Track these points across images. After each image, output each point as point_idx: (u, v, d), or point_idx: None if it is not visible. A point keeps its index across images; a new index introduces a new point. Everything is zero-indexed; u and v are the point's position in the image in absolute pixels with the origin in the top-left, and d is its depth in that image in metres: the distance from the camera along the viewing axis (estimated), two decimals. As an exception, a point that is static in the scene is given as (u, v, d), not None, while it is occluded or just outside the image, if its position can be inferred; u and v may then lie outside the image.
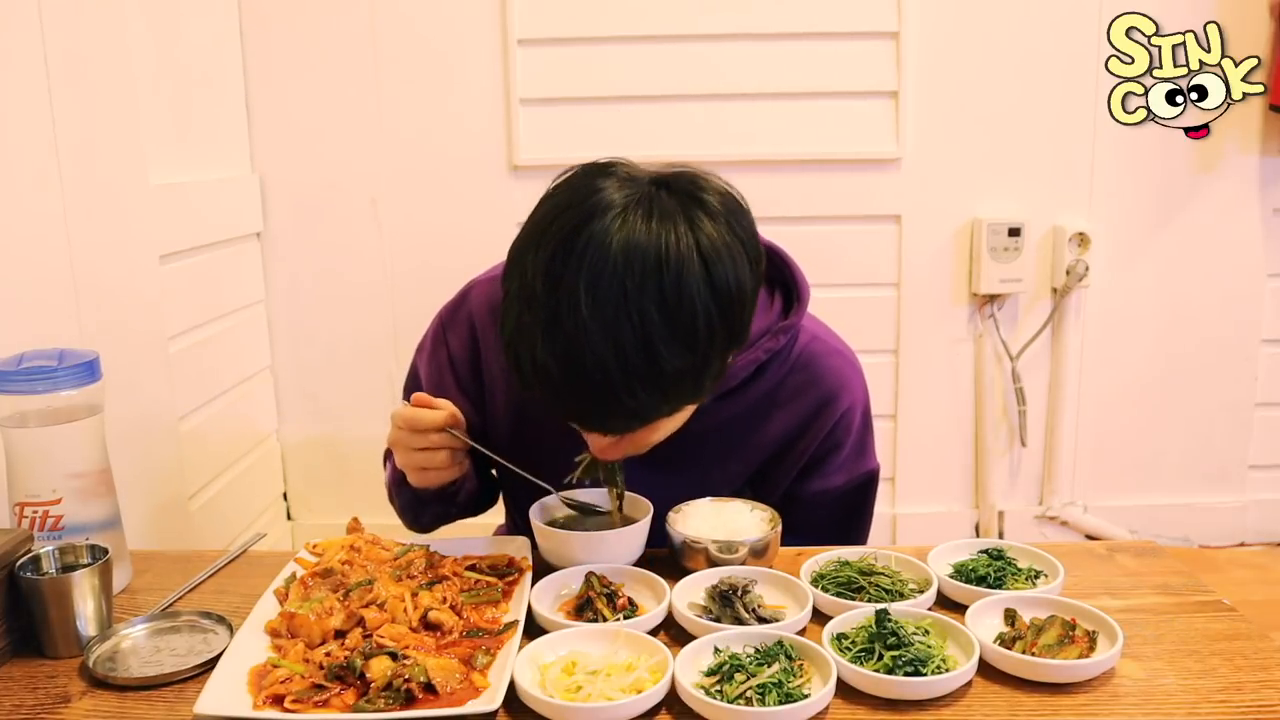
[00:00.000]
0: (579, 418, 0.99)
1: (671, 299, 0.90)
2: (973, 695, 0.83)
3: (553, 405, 0.96)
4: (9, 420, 1.01)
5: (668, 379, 0.92)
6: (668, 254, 0.90)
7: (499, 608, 0.96)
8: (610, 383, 0.90)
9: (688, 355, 0.92)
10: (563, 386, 0.92)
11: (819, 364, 1.18)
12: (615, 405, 0.93)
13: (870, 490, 1.25)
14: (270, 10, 2.18)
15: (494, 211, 2.25)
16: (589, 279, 0.89)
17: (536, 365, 0.92)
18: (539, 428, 1.19)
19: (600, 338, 0.89)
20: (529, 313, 0.92)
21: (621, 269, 0.89)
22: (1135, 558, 1.10)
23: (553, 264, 0.91)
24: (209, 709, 0.79)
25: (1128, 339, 2.39)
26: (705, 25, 2.19)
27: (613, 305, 0.89)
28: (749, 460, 1.20)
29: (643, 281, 0.89)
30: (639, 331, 0.89)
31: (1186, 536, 2.51)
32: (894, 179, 2.28)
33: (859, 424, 1.22)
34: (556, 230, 0.92)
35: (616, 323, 0.89)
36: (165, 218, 1.78)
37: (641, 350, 0.89)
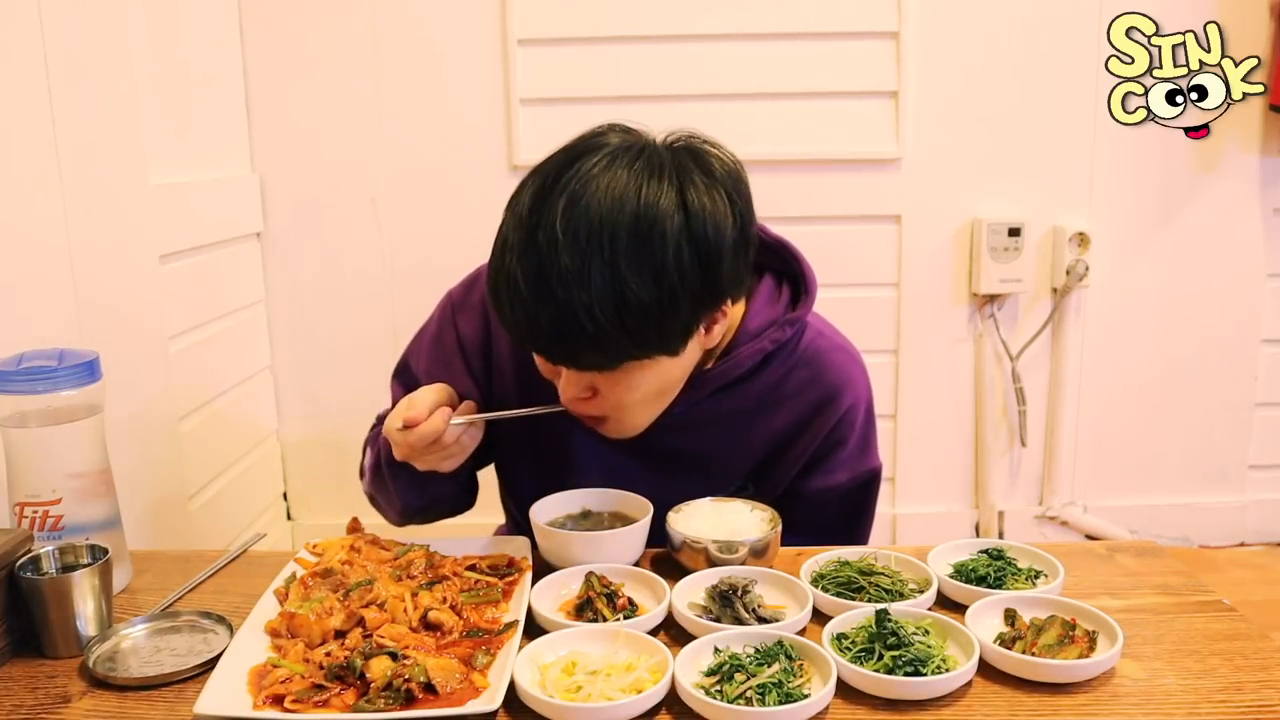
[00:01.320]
0: (545, 345, 0.99)
1: (644, 230, 0.92)
2: (973, 695, 0.83)
3: (525, 332, 0.97)
4: (9, 420, 1.01)
5: (630, 309, 0.92)
6: (648, 194, 0.94)
7: (499, 608, 0.96)
8: (572, 301, 0.91)
9: (653, 289, 0.93)
10: (531, 304, 0.93)
11: (824, 360, 1.18)
12: (577, 329, 0.92)
13: (873, 489, 1.25)
14: (270, 10, 2.18)
15: (494, 211, 2.21)
16: (568, 202, 0.93)
17: (511, 283, 0.94)
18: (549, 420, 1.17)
19: (570, 254, 0.91)
20: (512, 233, 0.96)
21: (603, 199, 0.93)
22: (1135, 558, 1.10)
23: (540, 189, 0.96)
24: (209, 709, 0.79)
25: (1128, 339, 2.39)
26: (705, 25, 2.19)
27: (586, 227, 0.92)
28: (751, 455, 1.20)
29: (618, 211, 0.92)
30: (607, 254, 0.91)
31: (1186, 536, 2.51)
32: (894, 179, 2.28)
33: (862, 421, 1.22)
34: (552, 164, 0.98)
35: (587, 244, 0.91)
36: (165, 218, 1.78)
37: (607, 270, 0.91)
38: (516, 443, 1.24)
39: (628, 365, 0.99)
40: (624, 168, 0.95)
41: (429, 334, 1.25)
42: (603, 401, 1.03)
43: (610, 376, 1.00)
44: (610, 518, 1.12)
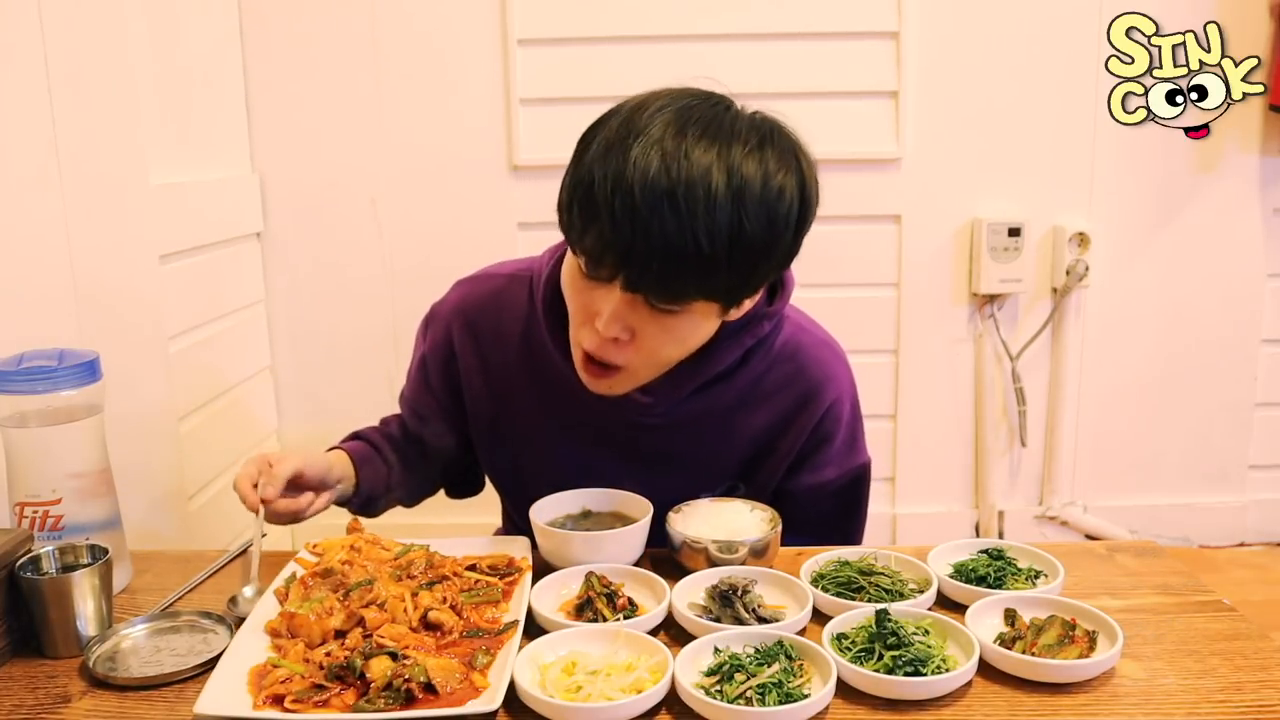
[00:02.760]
0: (639, 262, 0.93)
1: (770, 177, 0.95)
2: (973, 695, 0.83)
3: (626, 244, 0.92)
4: (9, 420, 1.01)
5: (741, 245, 0.93)
6: (772, 148, 0.97)
7: (499, 608, 0.96)
8: (696, 220, 0.90)
9: (765, 234, 0.95)
10: (645, 214, 0.90)
11: (805, 355, 1.17)
12: (689, 249, 0.91)
13: (864, 484, 1.25)
14: (270, 10, 2.17)
15: (494, 211, 2.25)
16: (695, 119, 0.95)
17: (623, 189, 0.91)
18: (525, 431, 1.21)
19: (702, 177, 0.91)
20: (627, 137, 0.94)
21: (728, 130, 0.95)
22: (1135, 558, 1.10)
23: (662, 107, 0.96)
24: (209, 709, 0.79)
25: (1128, 339, 2.39)
26: (705, 25, 2.19)
27: (719, 156, 0.93)
28: (736, 454, 1.19)
29: (750, 154, 0.94)
30: (736, 186, 0.92)
31: (1186, 536, 2.51)
32: (894, 179, 2.28)
33: (848, 416, 1.21)
34: (663, 95, 1.00)
35: (719, 173, 0.92)
36: (165, 218, 1.78)
37: (733, 201, 0.92)
38: (499, 455, 1.25)
39: (688, 308, 0.98)
40: (743, 116, 0.99)
41: (414, 360, 1.29)
42: (634, 349, 1.01)
43: (661, 320, 0.99)
44: (610, 518, 1.12)
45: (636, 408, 1.13)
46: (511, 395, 1.20)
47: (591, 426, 1.18)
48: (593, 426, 1.18)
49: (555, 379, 1.15)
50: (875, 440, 2.38)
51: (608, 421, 1.16)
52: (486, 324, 1.21)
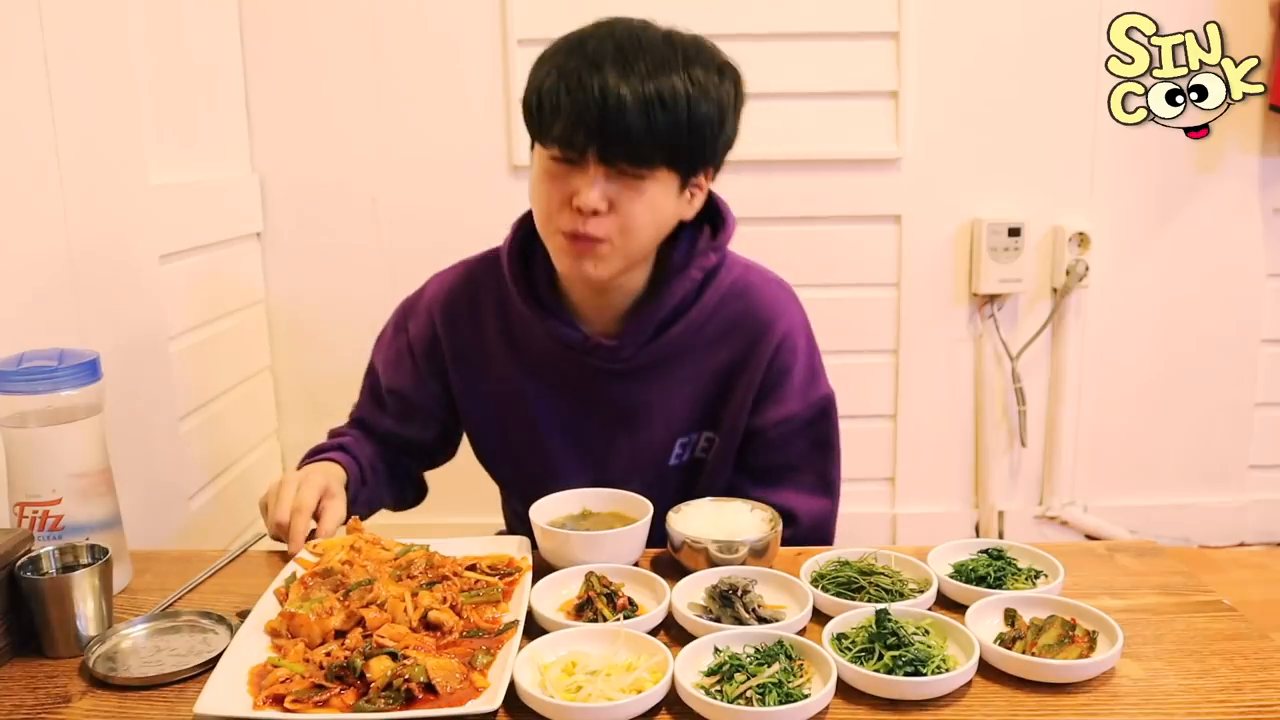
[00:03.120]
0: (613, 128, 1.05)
1: (711, 56, 1.12)
2: (973, 695, 0.83)
3: (598, 110, 1.04)
4: (9, 420, 1.01)
5: (701, 105, 1.07)
6: (703, 41, 1.14)
7: (499, 608, 0.96)
8: (659, 82, 1.05)
9: (715, 103, 1.09)
10: (613, 82, 1.04)
11: (755, 292, 1.25)
12: (657, 108, 1.04)
13: (831, 417, 1.29)
14: (270, 10, 2.18)
15: (494, 211, 2.22)
16: (642, 23, 1.12)
17: (591, 62, 1.05)
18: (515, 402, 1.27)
19: (656, 48, 1.08)
20: (586, 32, 1.11)
21: (667, 31, 1.13)
22: (1135, 558, 1.10)
23: (598, 24, 1.12)
24: (209, 709, 0.79)
25: (1128, 339, 2.39)
26: (705, 25, 2.15)
27: (668, 36, 1.11)
28: (703, 396, 1.24)
29: (691, 39, 1.13)
30: (687, 57, 1.09)
31: (1186, 536, 2.51)
32: (894, 179, 2.28)
33: (805, 349, 1.27)
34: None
35: (668, 47, 1.09)
36: (165, 218, 1.78)
37: (687, 71, 1.07)
38: (485, 422, 1.31)
39: (654, 175, 1.09)
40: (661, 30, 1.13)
41: (385, 340, 1.35)
42: (612, 219, 1.10)
43: (634, 187, 1.09)
44: (610, 518, 1.12)
45: (605, 353, 1.20)
46: (493, 366, 1.27)
47: (566, 380, 1.25)
48: (567, 380, 1.25)
49: (534, 345, 1.24)
50: (875, 440, 2.41)
51: (580, 373, 1.23)
52: (462, 308, 1.28)
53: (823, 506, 1.27)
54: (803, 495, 1.26)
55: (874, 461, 2.43)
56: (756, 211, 2.23)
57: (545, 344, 1.22)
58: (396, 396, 1.31)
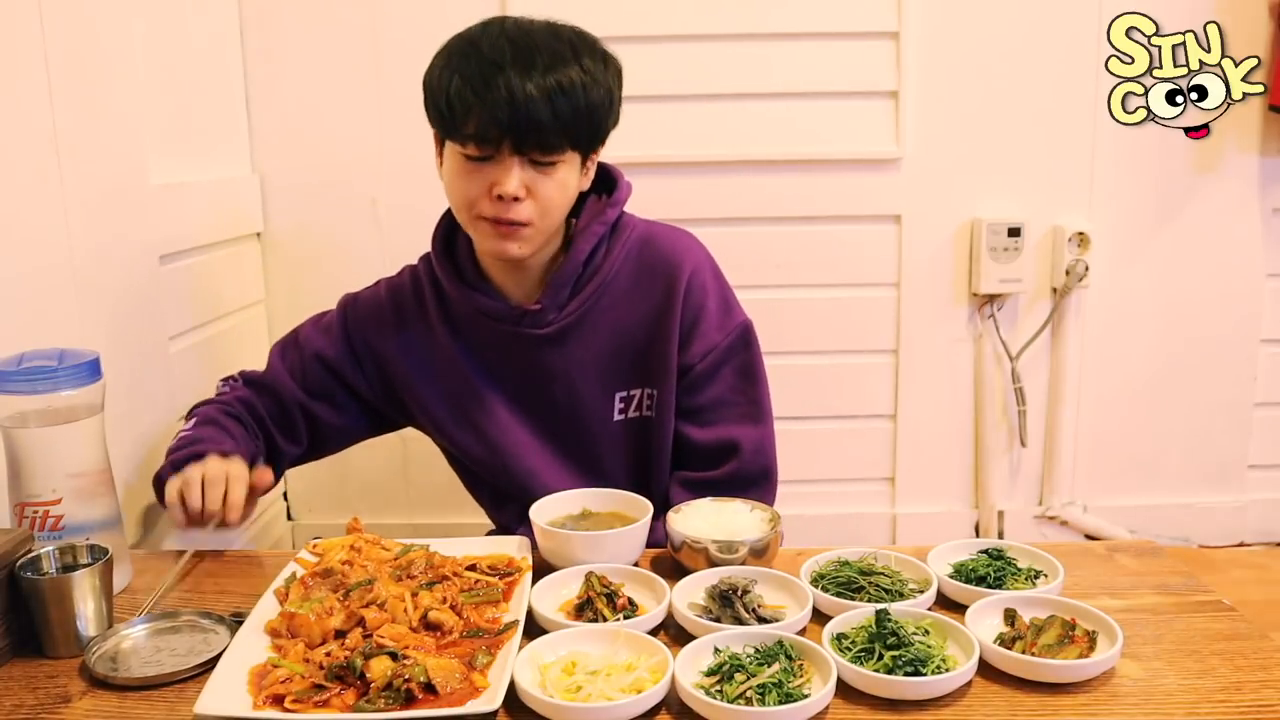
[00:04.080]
0: (524, 121, 1.14)
1: (593, 47, 1.21)
2: (973, 695, 0.83)
3: (505, 105, 1.13)
4: (9, 420, 1.01)
5: (594, 92, 1.17)
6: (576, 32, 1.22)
7: (499, 608, 0.96)
8: (559, 75, 1.14)
9: (605, 90, 1.19)
10: (516, 78, 1.13)
11: (657, 241, 1.34)
12: (562, 100, 1.14)
13: (753, 345, 1.36)
14: (270, 10, 2.17)
15: (494, 211, 2.24)
16: (528, 20, 1.22)
17: (493, 61, 1.15)
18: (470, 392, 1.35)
19: (548, 44, 1.17)
20: (478, 32, 1.21)
21: (544, 22, 1.22)
22: (1135, 558, 1.10)
23: (484, 25, 1.23)
24: (209, 709, 0.79)
25: (1128, 339, 2.39)
26: (705, 25, 2.18)
27: (556, 31, 1.20)
28: (629, 346, 1.31)
29: (574, 32, 1.22)
30: (577, 51, 1.18)
31: (1186, 536, 2.51)
32: (894, 179, 2.28)
33: (713, 284, 1.34)
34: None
35: (558, 41, 1.18)
36: (165, 218, 1.78)
37: (578, 65, 1.16)
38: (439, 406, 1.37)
39: (562, 159, 1.19)
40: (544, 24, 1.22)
41: (324, 320, 1.46)
42: (532, 203, 1.20)
43: (546, 173, 1.19)
44: (610, 518, 1.12)
45: (531, 318, 1.29)
46: (435, 350, 1.36)
47: (507, 357, 1.33)
48: (508, 357, 1.33)
49: (471, 330, 1.34)
50: (875, 440, 2.41)
51: (513, 344, 1.32)
52: (405, 299, 1.41)
53: (760, 433, 1.33)
54: (739, 425, 1.32)
55: (874, 461, 2.43)
56: (756, 211, 2.23)
57: (480, 321, 1.32)
58: (323, 366, 1.40)
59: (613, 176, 1.35)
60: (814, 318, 2.26)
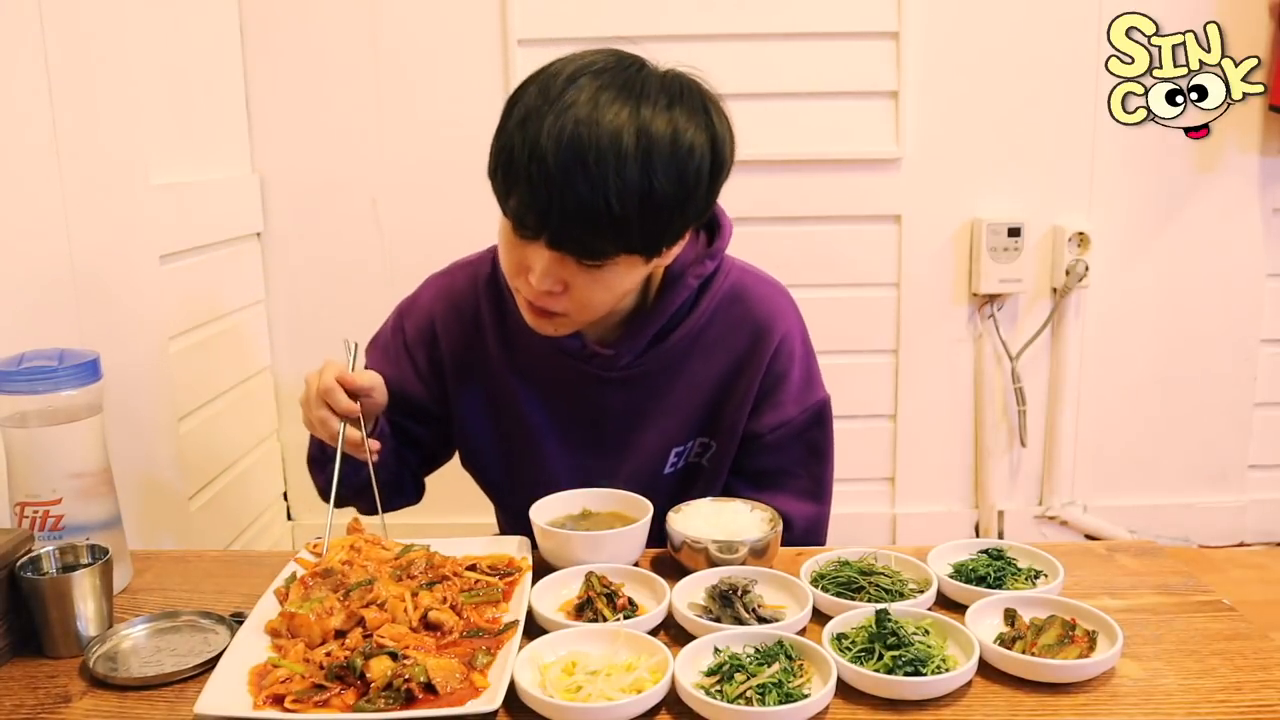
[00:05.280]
0: (558, 223, 0.99)
1: (679, 135, 0.99)
2: (973, 695, 0.83)
3: (543, 207, 0.98)
4: (9, 420, 1.01)
5: (652, 201, 0.98)
6: (682, 107, 1.00)
7: (499, 608, 0.96)
8: (606, 182, 0.96)
9: (676, 188, 0.99)
10: (559, 180, 0.96)
11: (751, 295, 1.23)
12: (602, 210, 0.96)
13: (826, 423, 1.28)
14: (270, 10, 2.18)
15: (494, 211, 2.23)
16: (607, 84, 0.99)
17: (537, 157, 0.97)
18: (510, 405, 1.25)
19: (610, 140, 0.96)
20: (540, 108, 0.98)
21: (638, 92, 0.99)
22: (1135, 558, 1.10)
23: (575, 74, 1.00)
24: (209, 709, 0.79)
25: (1128, 339, 2.39)
26: (705, 25, 2.19)
27: (626, 118, 0.97)
28: (701, 401, 1.23)
29: (654, 114, 0.98)
30: (644, 146, 0.97)
31: (1186, 536, 2.51)
32: (894, 179, 2.28)
33: (801, 353, 1.26)
34: (574, 60, 1.02)
35: (626, 134, 0.96)
36: (165, 218, 1.78)
37: (641, 161, 0.97)
38: (478, 425, 1.29)
39: (611, 261, 1.03)
40: (654, 76, 1.02)
41: (381, 341, 1.34)
42: (569, 299, 1.06)
43: (588, 273, 1.04)
44: (610, 518, 1.12)
45: (601, 361, 1.18)
46: (493, 372, 1.25)
47: (563, 387, 1.23)
48: (564, 387, 1.23)
49: (527, 345, 1.21)
50: (875, 440, 2.41)
51: (577, 380, 1.21)
52: (465, 306, 1.27)
53: (816, 511, 1.27)
54: (796, 500, 1.25)
55: (874, 461, 2.43)
56: (756, 211, 2.23)
57: (542, 349, 1.19)
58: (395, 393, 1.28)
59: (717, 219, 1.20)
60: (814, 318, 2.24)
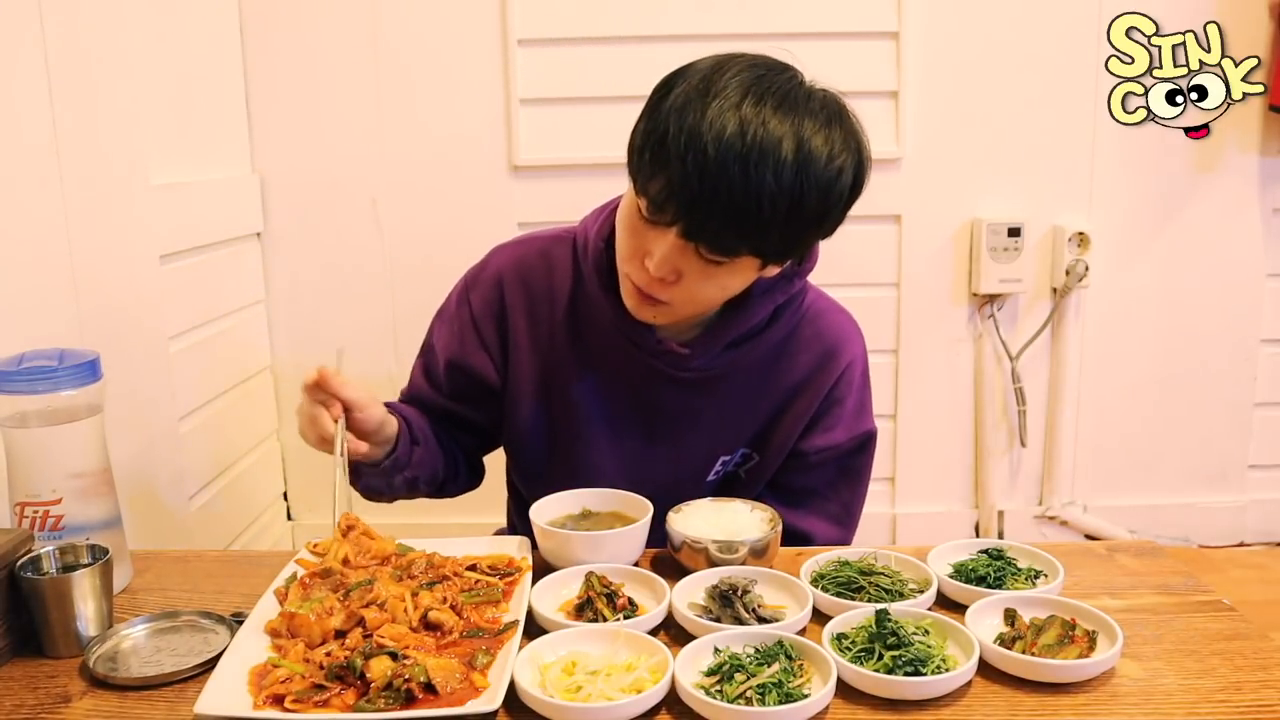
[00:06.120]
0: (701, 214, 0.98)
1: (833, 154, 0.99)
2: (973, 695, 0.83)
3: (691, 195, 0.97)
4: (9, 420, 1.01)
5: (799, 211, 0.98)
6: (841, 114, 1.02)
7: (499, 608, 0.96)
8: (764, 183, 0.95)
9: (820, 205, 1.00)
10: (715, 171, 0.95)
11: (826, 319, 1.25)
12: (751, 208, 0.96)
13: (869, 453, 1.29)
14: (270, 10, 2.18)
15: (494, 211, 2.25)
16: (768, 89, 0.98)
17: (696, 144, 0.95)
18: (564, 387, 1.23)
19: (776, 144, 0.95)
20: (705, 96, 0.97)
21: (800, 104, 0.99)
22: (1135, 558, 1.10)
23: (737, 72, 0.99)
24: (209, 709, 0.79)
25: (1128, 339, 2.39)
26: (705, 25, 2.19)
27: (789, 122, 0.97)
28: (757, 413, 1.24)
29: (816, 119, 0.99)
30: (804, 156, 0.97)
31: (1186, 536, 2.51)
32: (894, 179, 2.28)
33: (859, 381, 1.27)
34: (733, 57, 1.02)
35: (791, 141, 0.96)
36: (165, 218, 1.78)
37: (797, 170, 0.96)
38: (530, 406, 1.26)
39: (734, 261, 1.02)
40: (815, 92, 1.02)
41: (447, 313, 1.30)
42: (677, 288, 1.06)
43: (707, 269, 1.03)
44: (610, 518, 1.12)
45: (674, 359, 1.17)
46: (554, 351, 1.24)
47: (626, 382, 1.22)
48: (627, 382, 1.22)
49: (599, 336, 1.21)
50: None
51: (643, 376, 1.20)
52: (537, 281, 1.24)
53: (839, 536, 1.27)
54: (822, 521, 1.26)
55: (874, 461, 2.43)
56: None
57: (612, 338, 1.18)
58: (457, 370, 1.26)
59: None
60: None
